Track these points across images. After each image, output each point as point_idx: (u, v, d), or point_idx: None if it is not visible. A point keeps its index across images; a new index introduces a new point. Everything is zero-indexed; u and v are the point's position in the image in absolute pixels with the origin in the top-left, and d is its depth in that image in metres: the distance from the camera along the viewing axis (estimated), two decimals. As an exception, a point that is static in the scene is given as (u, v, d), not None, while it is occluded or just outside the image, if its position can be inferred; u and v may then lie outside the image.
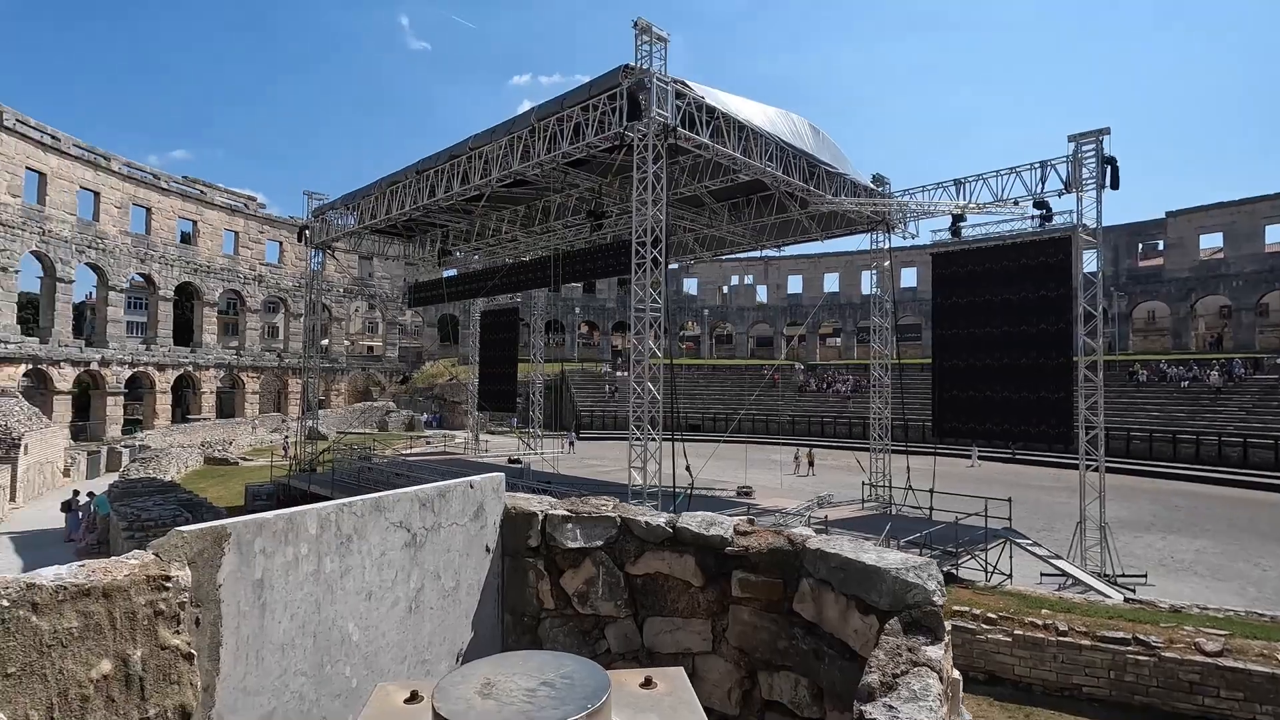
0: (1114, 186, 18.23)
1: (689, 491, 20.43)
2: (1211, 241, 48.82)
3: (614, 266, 27.35)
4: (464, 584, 2.86)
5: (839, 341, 67.11)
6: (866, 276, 57.37)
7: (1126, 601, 14.01)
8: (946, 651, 1.96)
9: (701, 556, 2.82)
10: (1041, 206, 20.59)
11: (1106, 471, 18.60)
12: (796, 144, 22.16)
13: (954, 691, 2.07)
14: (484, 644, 2.91)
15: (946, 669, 1.88)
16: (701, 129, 19.20)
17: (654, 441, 19.38)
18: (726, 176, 23.50)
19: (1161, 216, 50.38)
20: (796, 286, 66.71)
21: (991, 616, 11.75)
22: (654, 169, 18.55)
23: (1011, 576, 16.05)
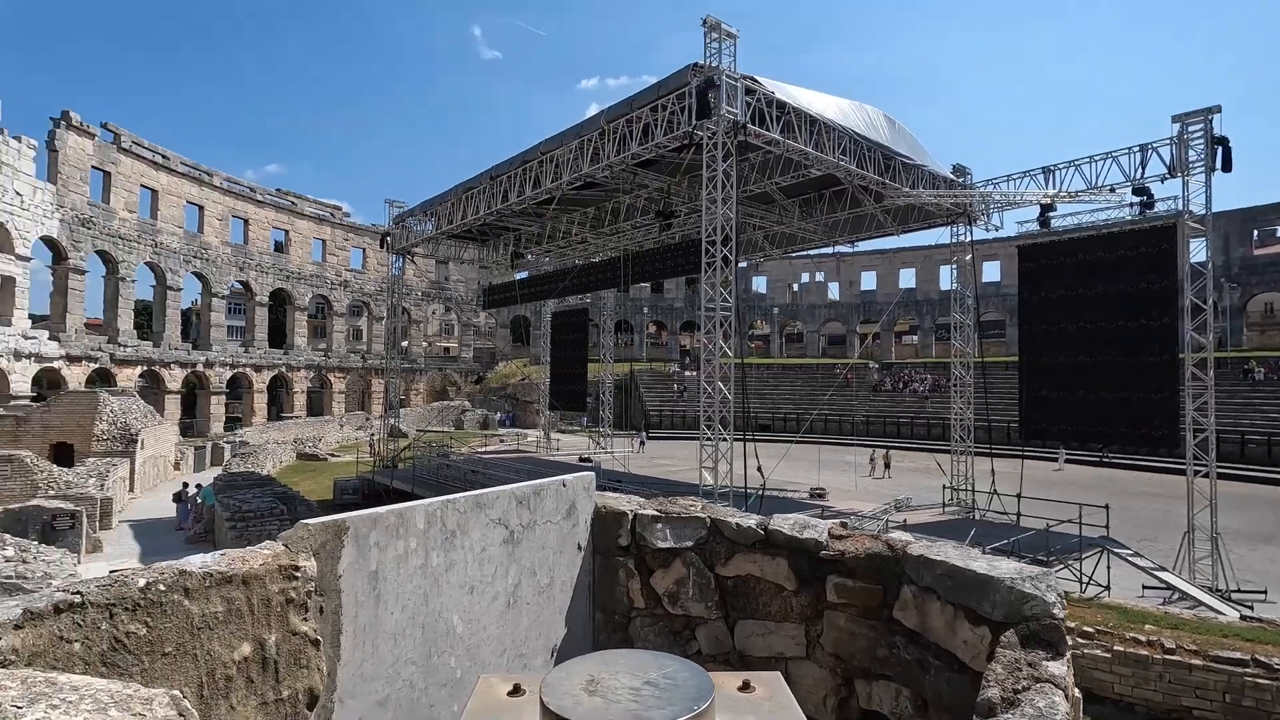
0: (1226, 169, 16.85)
1: (760, 492, 20.17)
2: (1340, 226, 44.45)
3: (683, 266, 27.30)
4: (558, 581, 2.92)
5: (916, 339, 64.78)
6: (946, 271, 55.22)
7: (1243, 619, 12.91)
8: (1069, 668, 1.86)
9: (795, 560, 2.78)
10: (1141, 193, 19.25)
11: (1218, 478, 17.18)
12: (871, 136, 21.52)
13: (1076, 711, 1.95)
14: (577, 640, 2.97)
15: (1070, 686, 1.78)
16: (772, 125, 18.92)
17: (725, 441, 19.25)
18: (797, 172, 23.08)
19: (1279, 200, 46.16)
20: (870, 283, 64.77)
21: (1089, 630, 11.07)
22: (723, 167, 18.41)
23: (1109, 588, 15.07)
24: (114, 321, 42.00)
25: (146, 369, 42.89)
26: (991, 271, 56.92)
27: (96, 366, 39.38)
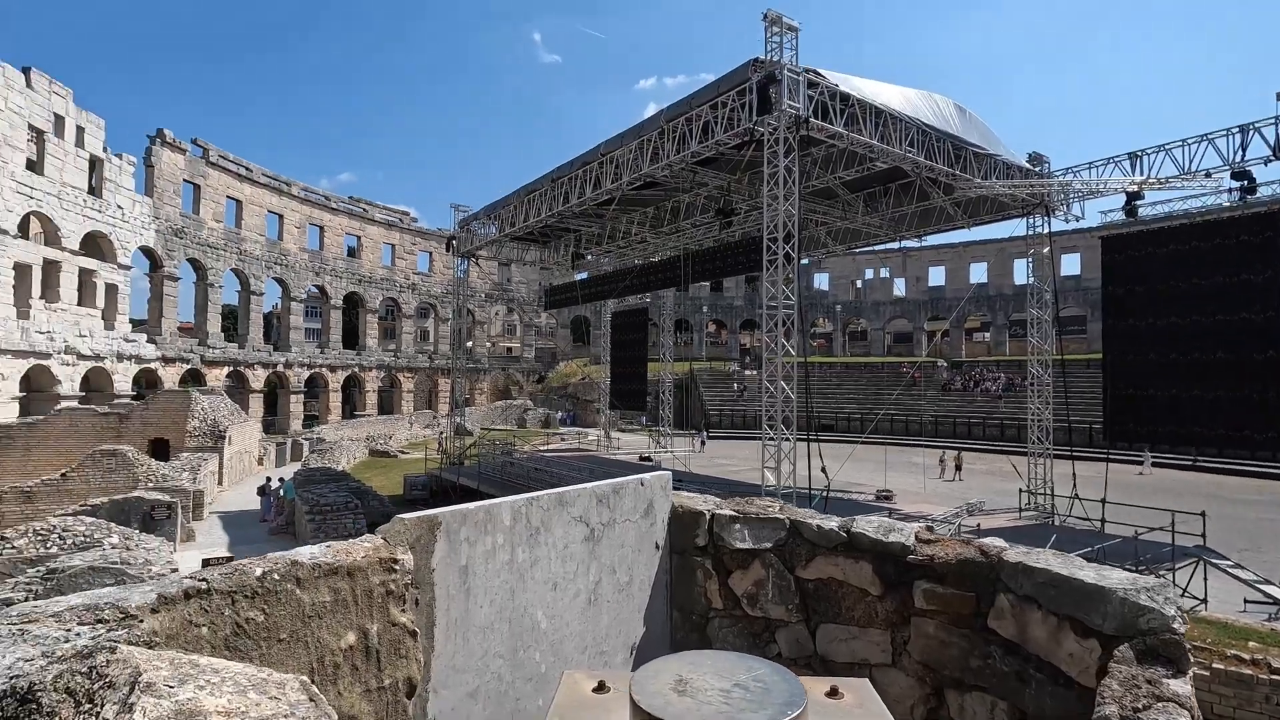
0: (1341, 149, 15.50)
1: (825, 494, 19.79)
2: None
3: (743, 264, 27.07)
4: (636, 579, 2.93)
5: (988, 336, 62.19)
6: (1021, 265, 52.67)
7: (1365, 639, 11.83)
8: (1193, 687, 1.74)
9: (879, 564, 2.70)
10: (1242, 177, 17.93)
11: (1333, 485, 15.82)
12: (940, 126, 20.80)
13: (1199, 732, 1.82)
14: (655, 639, 2.97)
15: (1195, 707, 1.66)
16: (835, 118, 18.51)
17: (787, 441, 18.96)
18: (862, 166, 22.53)
19: (1403, 181, 42.09)
20: (939, 278, 62.52)
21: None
22: (785, 162, 18.12)
23: (1206, 602, 14.08)
24: (204, 325, 44.82)
25: (232, 369, 45.53)
26: (1071, 264, 54.06)
27: (189, 367, 42.08)
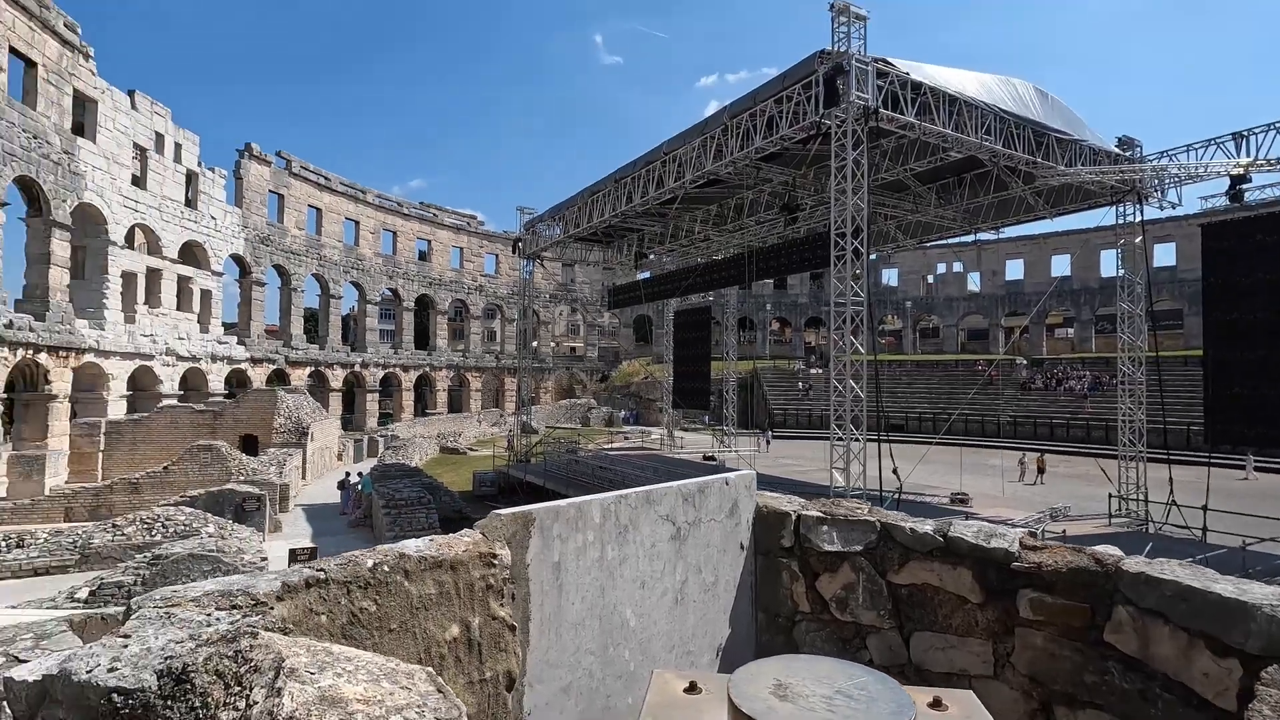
0: None
1: (896, 496, 19.19)
2: None
3: (809, 260, 26.55)
4: (721, 580, 2.90)
5: (1071, 333, 58.97)
6: (1109, 256, 49.81)
7: None
8: (1357, 714, 1.58)
9: (980, 570, 2.58)
10: (1367, 156, 16.34)
11: None
12: (1020, 112, 19.85)
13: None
14: (740, 641, 2.93)
15: (1361, 736, 1.50)
16: (907, 108, 17.93)
17: (856, 442, 18.48)
18: (935, 156, 21.75)
19: None
20: (1016, 272, 59.62)
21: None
22: (853, 155, 17.69)
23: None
24: (288, 327, 47.38)
25: (314, 369, 47.93)
26: (1165, 255, 50.58)
27: (274, 367, 44.57)
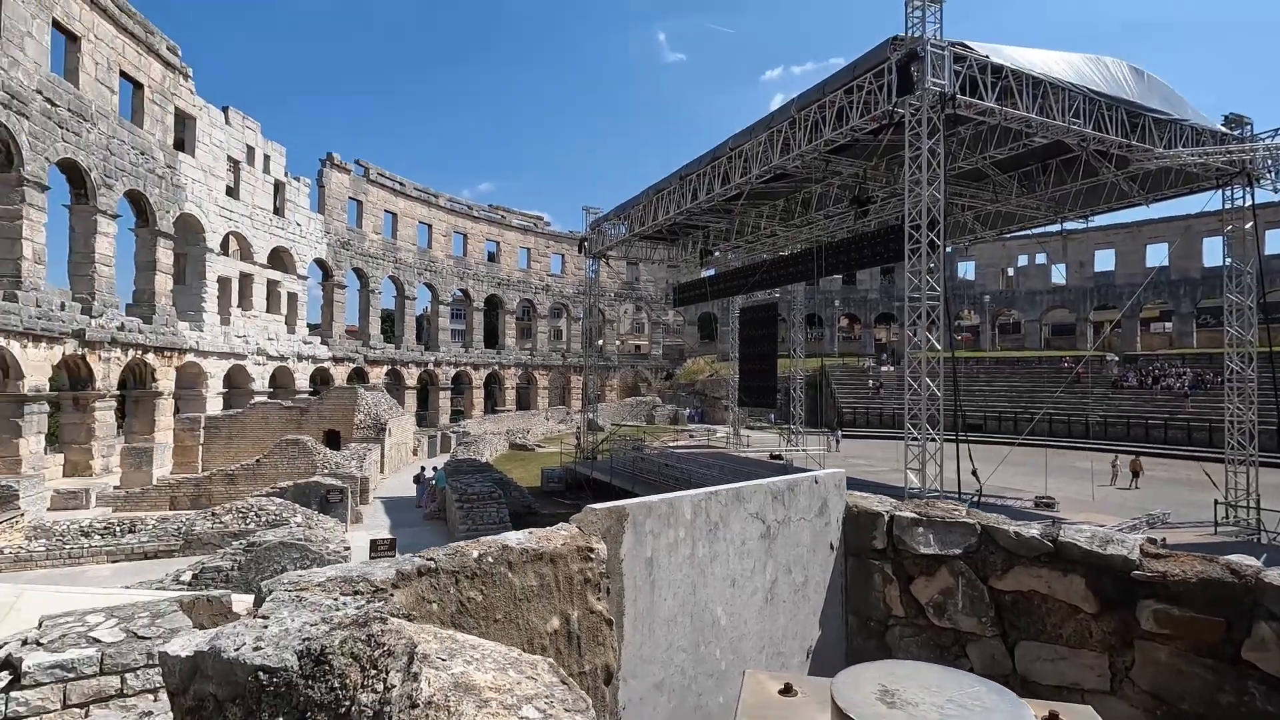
0: None
1: (976, 499, 18.38)
2: None
3: (881, 254, 25.72)
4: (811, 580, 2.83)
5: (1169, 327, 55.04)
6: (1213, 244, 46.25)
7: None
8: None
9: (1094, 578, 2.42)
10: None
11: None
12: (1112, 92, 18.65)
13: None
14: (831, 644, 2.86)
15: None
16: (986, 92, 17.13)
17: (932, 442, 17.81)
18: (1016, 142, 20.71)
19: None
20: (1106, 263, 56.03)
21: None
22: (929, 144, 17.04)
23: None
24: (366, 328, 49.59)
25: (390, 368, 49.95)
26: (1277, 242, 46.56)
27: (354, 366, 46.71)
